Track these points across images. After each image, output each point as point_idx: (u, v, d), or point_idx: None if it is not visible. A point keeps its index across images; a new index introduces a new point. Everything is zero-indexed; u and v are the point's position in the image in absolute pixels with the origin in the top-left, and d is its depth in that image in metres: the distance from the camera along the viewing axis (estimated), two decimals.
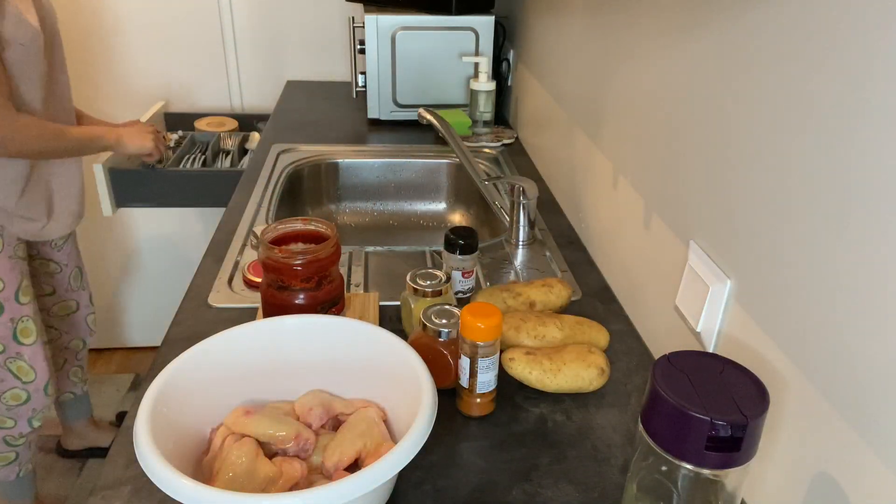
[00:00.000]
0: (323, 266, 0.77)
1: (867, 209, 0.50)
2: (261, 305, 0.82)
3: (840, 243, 0.53)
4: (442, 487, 0.68)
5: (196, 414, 0.65)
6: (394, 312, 0.96)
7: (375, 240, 1.53)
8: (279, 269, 0.76)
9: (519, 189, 1.11)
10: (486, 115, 1.64)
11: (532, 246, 1.15)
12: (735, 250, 0.68)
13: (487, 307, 0.72)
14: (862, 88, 0.50)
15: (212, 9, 2.00)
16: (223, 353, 0.68)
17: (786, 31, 0.59)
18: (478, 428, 0.76)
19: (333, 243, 0.78)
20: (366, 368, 0.70)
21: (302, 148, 1.56)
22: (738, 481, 0.53)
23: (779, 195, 0.60)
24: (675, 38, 0.80)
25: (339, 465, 0.63)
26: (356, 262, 1.09)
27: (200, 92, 2.10)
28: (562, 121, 1.31)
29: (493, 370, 0.74)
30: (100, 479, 0.68)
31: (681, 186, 0.80)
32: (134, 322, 2.38)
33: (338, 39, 2.09)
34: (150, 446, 0.55)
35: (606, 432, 0.76)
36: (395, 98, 1.69)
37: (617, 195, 1.02)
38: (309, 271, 0.76)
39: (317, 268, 0.77)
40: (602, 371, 0.79)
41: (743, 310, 0.67)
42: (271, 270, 0.77)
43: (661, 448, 0.52)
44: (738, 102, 0.67)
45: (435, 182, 1.57)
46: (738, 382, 0.52)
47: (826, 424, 0.55)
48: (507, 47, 1.81)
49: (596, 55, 1.10)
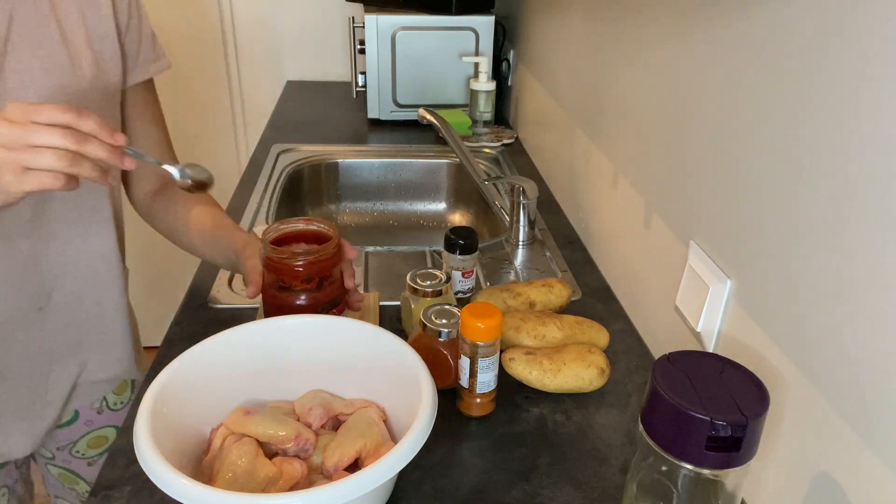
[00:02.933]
0: (325, 267, 0.77)
1: (867, 209, 0.50)
2: (261, 305, 0.82)
3: (840, 243, 0.53)
4: (442, 487, 0.68)
5: (196, 414, 0.65)
6: (394, 312, 0.95)
7: (375, 240, 1.53)
8: (280, 269, 0.76)
9: (519, 189, 1.11)
10: (486, 115, 1.64)
11: (532, 246, 1.15)
12: (735, 250, 0.68)
13: (487, 307, 0.72)
14: (863, 89, 0.50)
15: (212, 9, 2.00)
16: (223, 353, 0.68)
17: (786, 32, 0.59)
18: (478, 428, 0.76)
19: (335, 244, 0.78)
20: (366, 368, 0.70)
21: (302, 148, 1.56)
22: (738, 481, 0.53)
23: (779, 195, 0.60)
24: (676, 38, 0.80)
25: (339, 465, 0.63)
26: (356, 262, 1.09)
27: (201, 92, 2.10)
28: (562, 121, 1.31)
29: (493, 370, 0.74)
30: (100, 479, 0.68)
31: (681, 186, 0.80)
32: None
33: (338, 39, 2.09)
34: (150, 446, 0.55)
35: (606, 432, 0.76)
36: (395, 98, 1.69)
37: (617, 195, 1.02)
38: (310, 272, 0.76)
39: (318, 269, 0.77)
40: (602, 371, 0.79)
41: (743, 310, 0.67)
42: (273, 271, 0.77)
43: (661, 448, 0.52)
44: (739, 102, 0.67)
45: (435, 182, 1.57)
46: (738, 382, 0.52)
47: (826, 424, 0.55)
48: (507, 47, 1.81)
49: (596, 55, 1.10)
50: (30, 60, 0.76)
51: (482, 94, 1.61)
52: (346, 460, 0.63)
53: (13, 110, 0.61)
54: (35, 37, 0.77)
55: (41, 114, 0.60)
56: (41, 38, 0.77)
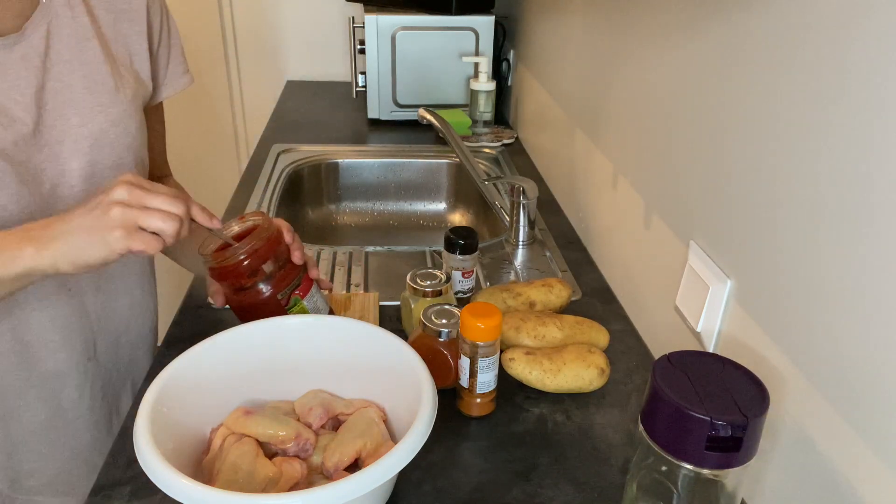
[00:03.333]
0: (264, 253, 0.75)
1: (867, 209, 0.50)
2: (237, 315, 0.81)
3: (840, 243, 0.53)
4: (442, 487, 0.68)
5: (196, 414, 0.65)
6: (394, 312, 0.95)
7: (375, 240, 1.53)
8: (224, 273, 0.75)
9: (519, 189, 1.11)
10: (486, 115, 1.64)
11: (532, 246, 1.15)
12: (735, 250, 0.68)
13: (487, 307, 0.72)
14: (863, 89, 0.50)
15: (212, 9, 2.00)
16: (223, 353, 0.68)
17: (787, 32, 0.59)
18: (478, 428, 0.76)
19: (266, 228, 0.76)
20: (366, 368, 0.70)
21: (302, 148, 1.56)
22: (738, 481, 0.53)
23: (779, 195, 0.60)
24: (676, 38, 0.80)
25: (339, 465, 0.63)
26: (356, 262, 1.09)
27: (200, 92, 2.10)
28: (562, 121, 1.31)
29: (493, 370, 0.74)
30: (100, 479, 0.68)
31: (681, 186, 0.80)
32: None
33: (338, 39, 2.09)
34: (150, 446, 0.55)
35: (606, 432, 0.76)
36: (395, 98, 1.69)
37: (617, 195, 1.02)
38: (252, 263, 0.74)
39: (259, 256, 0.74)
40: (602, 371, 0.79)
41: (743, 310, 0.67)
42: (219, 278, 0.76)
43: (661, 448, 0.52)
44: (739, 102, 0.67)
45: (435, 182, 1.57)
46: (738, 382, 0.52)
47: (826, 424, 0.55)
48: (507, 47, 1.81)
49: (596, 55, 1.10)
50: (70, 79, 0.75)
51: (482, 94, 1.61)
52: (346, 460, 0.63)
53: (130, 176, 0.63)
54: (76, 53, 0.75)
55: (156, 198, 0.63)
56: (83, 56, 0.76)
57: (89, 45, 0.76)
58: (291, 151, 1.54)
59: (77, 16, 0.76)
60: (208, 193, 2.19)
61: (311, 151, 1.54)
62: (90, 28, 0.77)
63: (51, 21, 0.73)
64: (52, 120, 0.74)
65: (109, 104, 0.78)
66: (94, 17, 0.78)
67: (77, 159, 0.76)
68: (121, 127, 0.79)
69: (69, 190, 0.77)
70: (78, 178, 0.77)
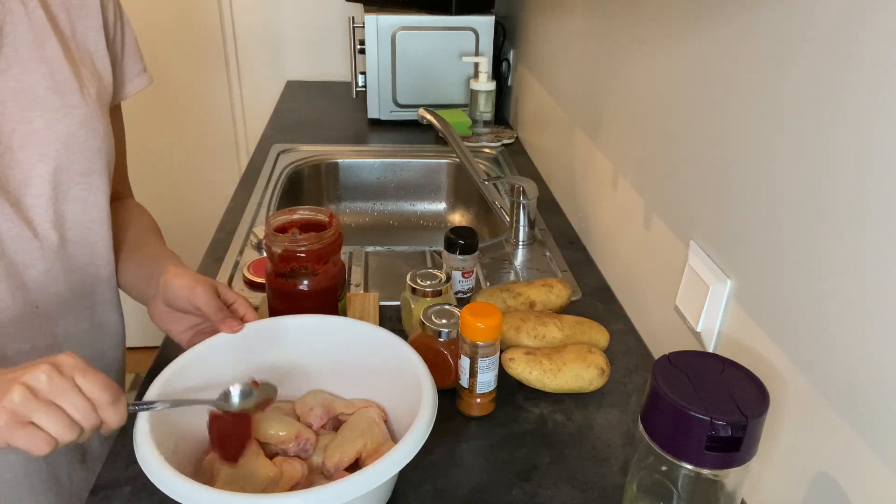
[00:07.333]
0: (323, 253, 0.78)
1: (867, 209, 0.50)
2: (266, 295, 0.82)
3: (841, 243, 0.53)
4: (442, 487, 0.68)
5: (196, 414, 0.65)
6: (394, 312, 0.95)
7: (375, 240, 1.53)
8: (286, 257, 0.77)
9: (519, 189, 1.11)
10: (486, 115, 1.64)
11: (532, 246, 1.15)
12: (735, 250, 0.68)
13: (487, 307, 0.72)
14: (864, 89, 0.50)
15: (212, 9, 2.00)
16: (223, 353, 0.68)
17: (787, 33, 0.59)
18: (478, 428, 0.76)
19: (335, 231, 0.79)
20: (366, 368, 0.70)
21: (302, 148, 1.56)
22: (738, 481, 0.53)
23: (779, 195, 0.60)
24: (676, 38, 0.80)
25: (339, 465, 0.63)
26: (356, 262, 1.09)
27: (200, 92, 2.10)
28: (562, 121, 1.31)
29: (493, 370, 0.74)
30: (100, 479, 0.68)
31: (681, 186, 0.80)
32: (134, 322, 2.37)
33: (338, 39, 2.09)
34: (150, 446, 0.55)
35: (606, 432, 0.76)
36: (395, 98, 1.69)
37: (617, 195, 1.02)
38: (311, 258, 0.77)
39: (317, 255, 0.77)
40: (602, 371, 0.79)
41: (743, 310, 0.67)
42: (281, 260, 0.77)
43: (661, 448, 0.52)
44: (739, 102, 0.67)
45: (435, 182, 1.57)
46: (738, 382, 0.52)
47: (826, 424, 0.55)
48: (507, 47, 1.81)
49: (596, 55, 1.10)
50: (31, 79, 0.68)
51: (482, 94, 1.61)
52: (346, 460, 0.63)
53: (67, 361, 0.54)
54: (35, 51, 0.69)
55: (72, 397, 0.52)
56: (42, 53, 0.69)
57: (48, 43, 0.70)
58: (291, 151, 1.54)
59: (31, 11, 0.69)
60: (208, 193, 2.19)
61: (311, 151, 1.54)
62: (47, 24, 0.69)
63: (3, 17, 0.67)
64: (13, 124, 0.67)
65: (75, 105, 0.71)
66: (51, 12, 0.71)
67: (43, 165, 0.70)
68: (89, 128, 0.72)
69: (35, 199, 0.70)
70: (45, 185, 0.70)
